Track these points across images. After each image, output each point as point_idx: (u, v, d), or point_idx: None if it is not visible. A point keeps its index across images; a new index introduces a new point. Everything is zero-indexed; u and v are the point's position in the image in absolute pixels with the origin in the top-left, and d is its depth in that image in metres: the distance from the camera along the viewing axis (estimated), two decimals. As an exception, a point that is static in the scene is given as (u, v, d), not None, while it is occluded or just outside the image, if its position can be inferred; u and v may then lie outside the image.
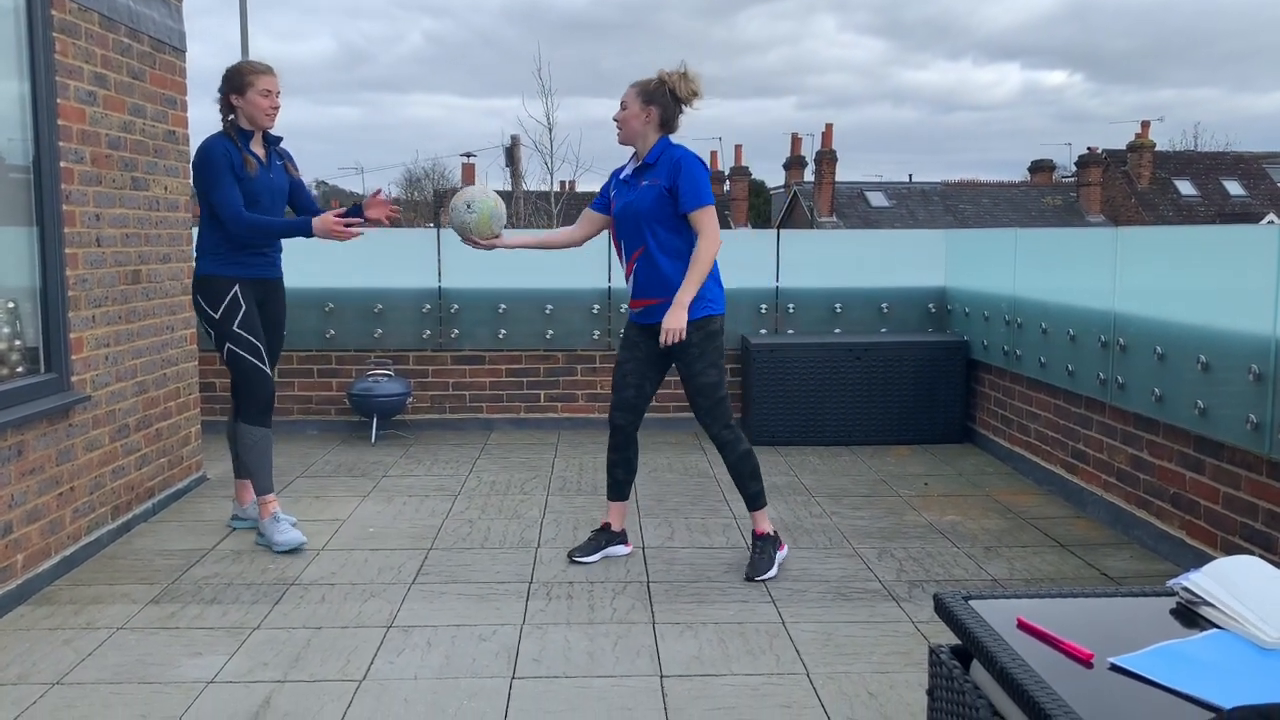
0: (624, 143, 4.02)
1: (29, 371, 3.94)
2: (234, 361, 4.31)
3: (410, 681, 3.06)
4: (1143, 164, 33.68)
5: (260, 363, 4.33)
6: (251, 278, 4.34)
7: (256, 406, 4.35)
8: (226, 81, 4.27)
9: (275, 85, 4.29)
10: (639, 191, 3.93)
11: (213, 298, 4.27)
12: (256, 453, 4.37)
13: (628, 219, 3.96)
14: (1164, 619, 1.77)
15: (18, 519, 3.72)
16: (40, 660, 3.21)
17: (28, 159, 3.92)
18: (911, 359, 6.36)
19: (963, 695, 1.71)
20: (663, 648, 3.31)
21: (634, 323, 4.09)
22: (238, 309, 4.27)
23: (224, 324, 4.27)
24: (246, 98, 4.22)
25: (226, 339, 4.28)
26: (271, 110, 4.28)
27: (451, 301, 6.76)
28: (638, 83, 3.98)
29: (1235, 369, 3.73)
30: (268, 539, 4.29)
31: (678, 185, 3.87)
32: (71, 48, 4.10)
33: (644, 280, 3.99)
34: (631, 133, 3.97)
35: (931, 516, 4.83)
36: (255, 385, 4.33)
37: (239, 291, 4.28)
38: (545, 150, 24.74)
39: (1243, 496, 3.77)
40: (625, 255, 4.04)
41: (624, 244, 4.02)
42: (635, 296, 4.05)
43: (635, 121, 3.94)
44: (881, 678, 3.10)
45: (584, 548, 4.17)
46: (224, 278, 4.26)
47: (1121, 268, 4.59)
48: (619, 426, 4.14)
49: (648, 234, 3.93)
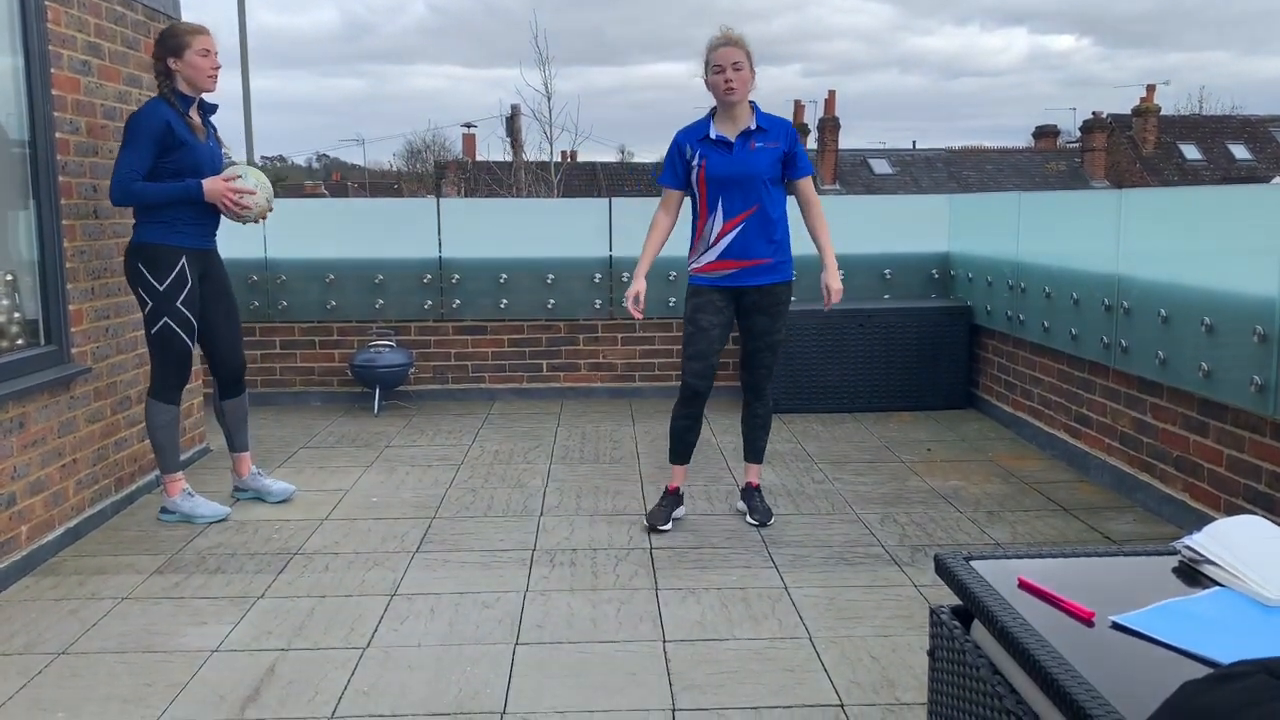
0: (734, 102, 3.92)
1: (29, 344, 3.93)
2: (167, 337, 4.12)
3: (414, 649, 3.08)
4: (1148, 128, 33.41)
5: (192, 342, 4.20)
6: (196, 248, 4.15)
7: (176, 385, 4.23)
8: (161, 44, 4.06)
9: (213, 45, 4.10)
10: (754, 153, 3.94)
11: (157, 268, 4.05)
12: (169, 431, 4.25)
13: (738, 179, 3.93)
14: (1166, 578, 1.76)
15: (21, 491, 3.72)
16: (46, 630, 3.23)
17: (23, 131, 3.89)
18: (915, 325, 6.34)
19: (963, 655, 1.71)
20: (665, 613, 3.32)
21: (718, 286, 4.03)
22: (184, 284, 4.09)
23: (166, 298, 4.07)
24: (185, 59, 4.02)
25: (165, 314, 4.09)
26: (213, 71, 4.09)
27: (452, 272, 6.74)
28: (738, 40, 3.92)
29: (1240, 331, 3.71)
30: (184, 514, 4.25)
31: (795, 151, 3.99)
32: (64, 16, 4.06)
33: (751, 240, 3.97)
34: (744, 93, 3.93)
35: (934, 482, 4.83)
36: (183, 363, 4.21)
37: (186, 264, 4.10)
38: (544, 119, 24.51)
39: (1246, 459, 3.76)
40: (726, 215, 3.96)
41: (726, 205, 3.96)
42: (734, 257, 3.98)
43: (749, 83, 3.93)
44: (884, 641, 3.10)
45: (660, 515, 4.14)
46: (170, 247, 4.06)
47: (1125, 230, 4.55)
48: (699, 392, 4.09)
49: (764, 194, 3.95)
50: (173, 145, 4.00)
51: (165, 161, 4.00)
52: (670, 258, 6.74)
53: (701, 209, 4.03)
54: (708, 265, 4.04)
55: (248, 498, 4.56)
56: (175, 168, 4.02)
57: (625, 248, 6.77)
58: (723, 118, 4.00)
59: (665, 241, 4.19)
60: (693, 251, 4.11)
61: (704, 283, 4.05)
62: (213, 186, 4.05)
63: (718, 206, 3.97)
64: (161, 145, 3.97)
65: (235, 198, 4.10)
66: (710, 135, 3.99)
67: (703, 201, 4.02)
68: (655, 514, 4.16)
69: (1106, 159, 33.78)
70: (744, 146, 3.95)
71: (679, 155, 4.07)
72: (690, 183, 4.05)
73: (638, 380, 6.91)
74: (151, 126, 3.95)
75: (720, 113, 4.01)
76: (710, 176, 3.96)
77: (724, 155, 3.96)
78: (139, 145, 3.94)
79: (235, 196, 4.10)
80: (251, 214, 4.20)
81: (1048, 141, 37.48)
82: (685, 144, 4.05)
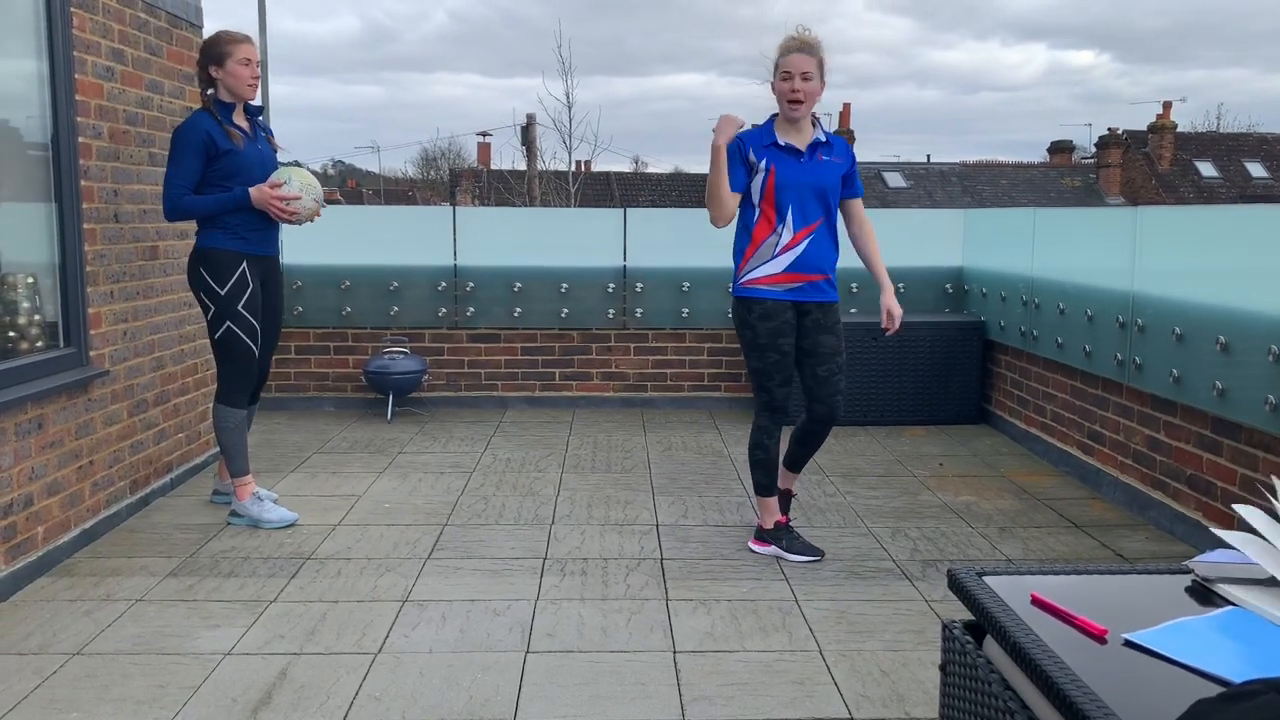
0: (799, 115, 3.79)
1: (48, 346, 3.97)
2: (230, 341, 4.19)
3: (425, 655, 3.09)
4: (1163, 145, 33.30)
5: (255, 346, 4.25)
6: (257, 254, 4.24)
7: (242, 389, 4.28)
8: (204, 53, 4.14)
9: (254, 54, 4.18)
10: (822, 166, 3.84)
11: (219, 273, 4.14)
12: (237, 434, 4.31)
13: (809, 190, 3.81)
14: (1179, 596, 1.76)
15: (38, 491, 3.75)
16: (61, 631, 3.25)
17: (46, 135, 3.94)
18: (927, 339, 6.34)
19: (975, 670, 1.71)
20: (676, 624, 3.33)
21: (786, 300, 3.85)
22: (245, 287, 4.18)
23: (229, 302, 4.16)
24: (226, 68, 4.10)
25: (228, 318, 4.16)
26: (253, 80, 4.17)
27: (467, 279, 6.77)
28: (812, 48, 3.77)
29: (1255, 350, 3.70)
30: (253, 519, 4.28)
31: (853, 171, 3.95)
32: (89, 23, 4.11)
33: (816, 254, 3.85)
34: (811, 105, 3.81)
35: (946, 497, 4.82)
36: (246, 368, 4.25)
37: (247, 269, 4.19)
38: (564, 129, 24.57)
39: (1261, 478, 3.75)
40: (794, 226, 3.81)
41: (795, 215, 3.81)
42: (800, 270, 3.84)
43: (817, 95, 3.80)
44: (894, 655, 3.10)
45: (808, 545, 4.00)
46: (232, 252, 4.15)
47: (1140, 247, 4.55)
48: (786, 410, 3.97)
49: (832, 208, 3.88)
50: (216, 154, 4.08)
51: (212, 170, 4.10)
52: (681, 269, 6.78)
53: (766, 218, 3.83)
54: (774, 277, 3.84)
55: (223, 501, 4.58)
56: (223, 174, 4.11)
57: (639, 258, 6.80)
58: (786, 126, 3.84)
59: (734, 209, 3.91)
60: (746, 263, 3.88)
61: (773, 295, 3.84)
62: (259, 195, 4.13)
63: (787, 216, 3.81)
64: (205, 155, 4.07)
65: (281, 205, 4.17)
66: (779, 142, 3.83)
67: (769, 210, 3.82)
68: (805, 546, 3.97)
69: (1122, 175, 33.68)
70: (811, 159, 3.83)
71: (740, 157, 3.85)
72: (751, 189, 3.86)
73: (650, 390, 6.92)
74: (193, 139, 4.05)
75: (783, 121, 3.85)
76: (781, 184, 3.79)
77: (795, 163, 3.81)
78: (184, 159, 4.05)
79: (281, 205, 4.17)
80: (301, 217, 4.28)
81: (1062, 157, 37.38)
82: (750, 147, 3.84)
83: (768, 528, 4.03)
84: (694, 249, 6.81)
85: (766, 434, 3.98)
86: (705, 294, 6.82)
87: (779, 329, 3.84)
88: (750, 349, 3.91)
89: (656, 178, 38.85)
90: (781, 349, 3.86)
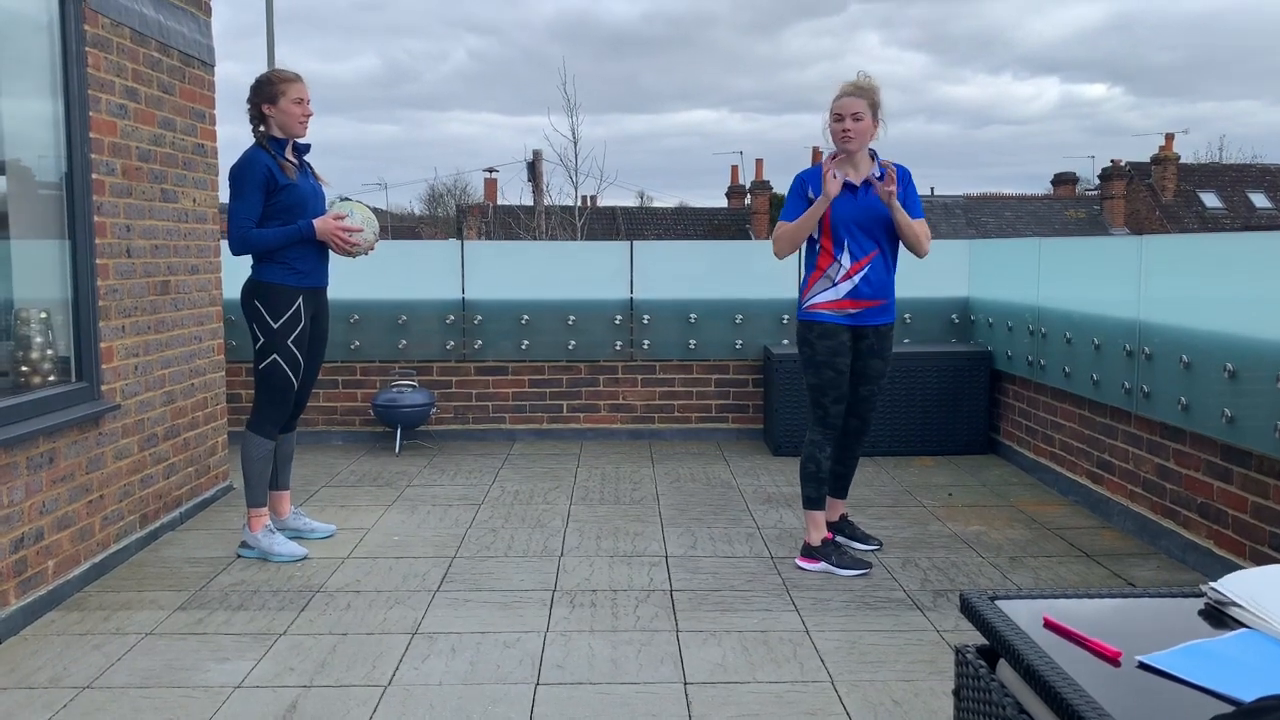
0: (851, 151, 4.06)
1: (60, 380, 3.99)
2: (273, 373, 4.25)
3: (435, 687, 3.08)
4: (1167, 176, 33.43)
5: (296, 380, 4.31)
6: (311, 286, 4.31)
7: (274, 421, 4.33)
8: (256, 91, 4.25)
9: (306, 93, 4.29)
10: (876, 199, 4.05)
11: (275, 307, 4.20)
12: (261, 464, 4.35)
13: (869, 221, 4.06)
14: (1192, 619, 1.76)
15: (49, 525, 3.76)
16: (71, 664, 3.25)
17: (60, 171, 3.99)
18: (935, 370, 6.34)
19: (989, 695, 1.71)
20: (686, 655, 3.31)
21: (843, 325, 4.12)
22: (297, 324, 4.25)
23: (280, 336, 4.22)
24: (279, 106, 4.22)
25: (275, 351, 4.23)
26: (304, 118, 4.27)
27: (475, 313, 6.81)
28: (863, 91, 4.04)
29: (1263, 378, 3.70)
30: (263, 551, 4.28)
31: (909, 194, 4.12)
32: (104, 62, 4.17)
33: (876, 282, 4.10)
34: (862, 143, 4.06)
35: (956, 527, 4.81)
36: (284, 401, 4.31)
37: (302, 305, 4.25)
38: (570, 165, 24.73)
39: (1272, 505, 3.74)
40: (854, 255, 4.07)
41: (852, 246, 4.07)
42: (859, 297, 4.10)
43: (869, 133, 4.06)
44: (906, 685, 3.09)
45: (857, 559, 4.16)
46: (289, 288, 4.22)
47: (1146, 276, 4.56)
48: (839, 428, 4.22)
49: (885, 238, 4.10)
50: (275, 188, 4.17)
51: (271, 204, 4.18)
52: (688, 300, 6.81)
53: (826, 249, 4.11)
54: (834, 303, 4.11)
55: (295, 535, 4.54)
56: (281, 207, 4.19)
57: (646, 290, 6.83)
58: (844, 163, 4.10)
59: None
60: (809, 289, 4.17)
61: (833, 320, 4.11)
62: (323, 226, 4.23)
63: (844, 247, 4.08)
64: (266, 189, 4.15)
65: (345, 235, 4.25)
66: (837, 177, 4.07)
67: (828, 242, 4.10)
68: (855, 561, 4.14)
69: (1126, 206, 33.78)
70: (866, 193, 4.06)
71: (801, 194, 4.16)
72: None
73: (657, 422, 6.93)
74: (255, 174, 4.14)
75: (840, 158, 4.11)
76: (836, 219, 4.06)
77: (850, 199, 4.06)
78: (247, 194, 4.14)
79: (345, 235, 4.25)
80: (360, 250, 4.37)
81: (1066, 189, 37.52)
82: (810, 184, 4.14)
83: (815, 544, 4.20)
84: (700, 281, 6.85)
85: (818, 448, 4.20)
86: (712, 326, 6.84)
87: (836, 349, 4.12)
88: (808, 365, 4.18)
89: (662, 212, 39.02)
90: (837, 367, 4.12)
